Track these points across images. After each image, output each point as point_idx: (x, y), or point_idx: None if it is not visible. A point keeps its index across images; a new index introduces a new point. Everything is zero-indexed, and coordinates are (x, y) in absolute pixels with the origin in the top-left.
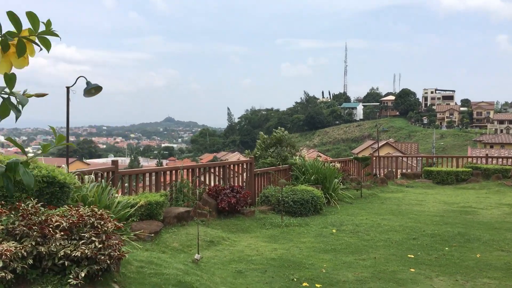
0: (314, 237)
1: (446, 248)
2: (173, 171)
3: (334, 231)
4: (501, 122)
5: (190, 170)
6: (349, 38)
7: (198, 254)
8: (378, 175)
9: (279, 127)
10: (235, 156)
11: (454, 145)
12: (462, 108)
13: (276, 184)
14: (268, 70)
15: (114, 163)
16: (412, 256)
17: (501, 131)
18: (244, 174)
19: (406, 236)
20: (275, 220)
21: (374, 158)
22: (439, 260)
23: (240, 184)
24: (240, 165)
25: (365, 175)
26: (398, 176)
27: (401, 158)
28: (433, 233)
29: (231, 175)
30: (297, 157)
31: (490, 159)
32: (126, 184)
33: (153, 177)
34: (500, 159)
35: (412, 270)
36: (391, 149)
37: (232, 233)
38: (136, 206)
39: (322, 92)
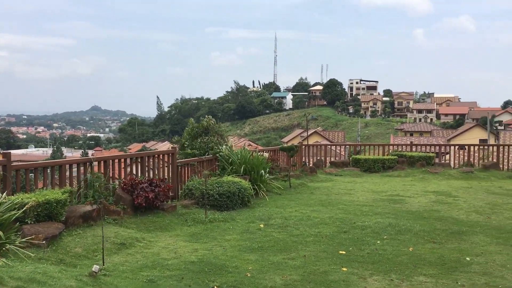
0: (240, 234)
1: (378, 242)
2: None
3: (261, 226)
4: (419, 111)
5: (102, 162)
6: (278, 29)
7: (96, 265)
8: (308, 164)
9: (206, 115)
10: (164, 146)
11: (377, 133)
12: (384, 98)
13: (201, 176)
14: (198, 59)
15: (6, 155)
16: (344, 252)
17: (420, 120)
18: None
19: (337, 229)
20: (199, 215)
21: (303, 147)
22: (372, 256)
23: (166, 177)
24: (162, 156)
25: (292, 164)
26: (327, 165)
27: (329, 146)
28: (363, 225)
29: (160, 166)
30: (224, 146)
31: (414, 147)
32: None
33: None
34: (424, 147)
35: (344, 269)
36: (319, 138)
37: (149, 232)
38: (25, 207)
39: (253, 82)
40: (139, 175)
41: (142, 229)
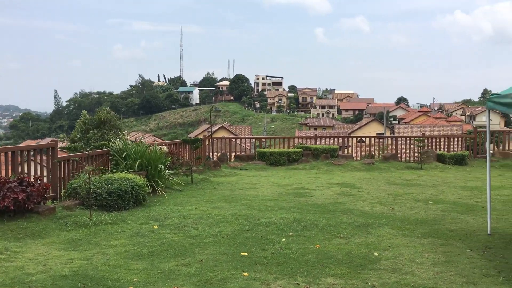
0: (129, 238)
1: (283, 240)
2: None
3: (155, 227)
4: (322, 107)
5: None
6: (183, 23)
7: None
8: (212, 158)
9: (103, 107)
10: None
11: (283, 128)
12: (289, 94)
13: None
14: (99, 51)
15: None
16: (246, 253)
17: (323, 115)
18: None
19: (239, 227)
20: (82, 218)
21: (207, 141)
22: (276, 257)
23: (45, 174)
24: (39, 150)
25: (196, 158)
26: (232, 159)
27: (234, 140)
28: (268, 221)
29: (38, 162)
30: (117, 140)
31: (319, 140)
32: None
33: None
34: (328, 139)
35: (245, 274)
36: (226, 133)
37: (17, 241)
38: None
39: (158, 76)
40: (10, 173)
41: (8, 238)
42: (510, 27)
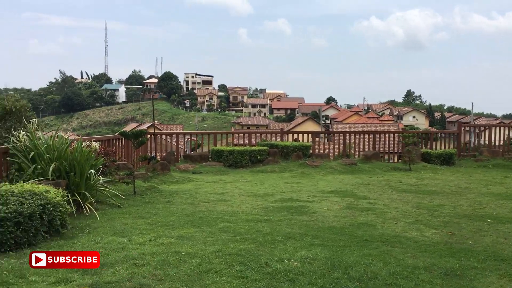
0: None
1: None
2: None
3: None
4: (254, 106)
5: None
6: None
7: None
8: (156, 159)
9: (9, 94)
10: None
11: (214, 127)
12: (220, 93)
13: None
14: (13, 46)
15: None
16: None
17: (254, 114)
18: None
19: (242, 283)
20: None
21: (148, 136)
22: None
23: None
24: None
25: (139, 159)
26: (180, 159)
27: (168, 138)
28: (285, 267)
29: None
30: (22, 133)
31: (274, 136)
32: None
33: None
34: (296, 135)
35: None
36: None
37: None
38: None
39: (81, 73)
40: None
41: None
42: (419, 33)
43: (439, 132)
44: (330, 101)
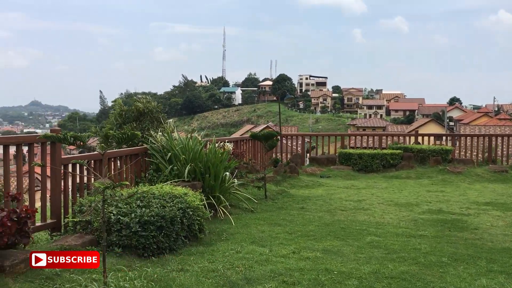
0: None
1: None
2: None
3: None
4: (369, 107)
5: None
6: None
7: None
8: (281, 161)
9: (141, 96)
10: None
11: (328, 129)
12: (334, 94)
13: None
14: (141, 54)
15: None
16: None
17: (370, 116)
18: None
19: None
20: (88, 283)
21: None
22: None
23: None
24: (29, 147)
25: (270, 162)
26: (306, 162)
27: (288, 141)
28: None
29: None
30: (159, 134)
31: (420, 138)
32: None
33: None
34: (419, 138)
35: None
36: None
37: None
38: None
39: (201, 76)
40: None
41: None
42: None
43: None
44: (453, 101)
